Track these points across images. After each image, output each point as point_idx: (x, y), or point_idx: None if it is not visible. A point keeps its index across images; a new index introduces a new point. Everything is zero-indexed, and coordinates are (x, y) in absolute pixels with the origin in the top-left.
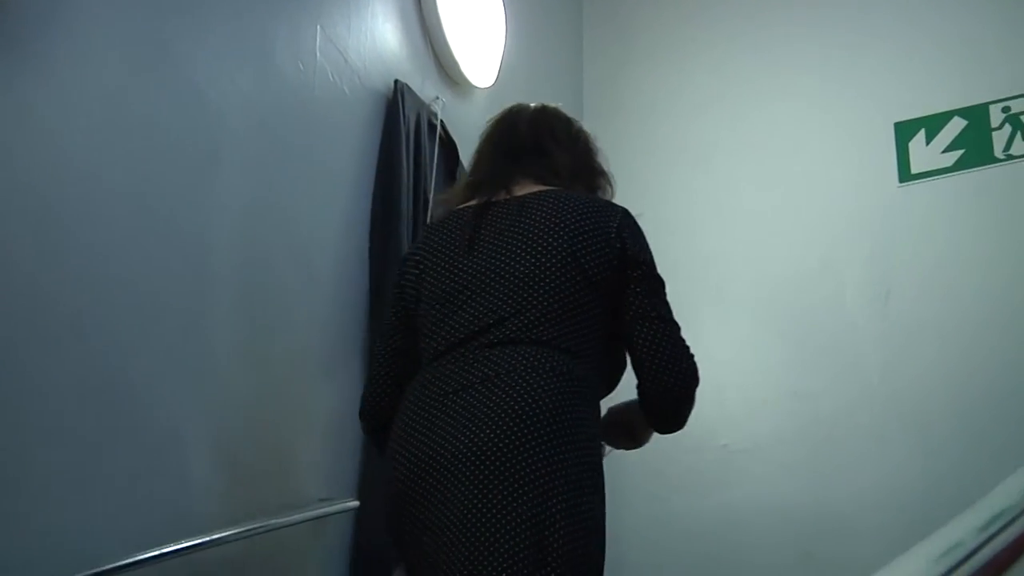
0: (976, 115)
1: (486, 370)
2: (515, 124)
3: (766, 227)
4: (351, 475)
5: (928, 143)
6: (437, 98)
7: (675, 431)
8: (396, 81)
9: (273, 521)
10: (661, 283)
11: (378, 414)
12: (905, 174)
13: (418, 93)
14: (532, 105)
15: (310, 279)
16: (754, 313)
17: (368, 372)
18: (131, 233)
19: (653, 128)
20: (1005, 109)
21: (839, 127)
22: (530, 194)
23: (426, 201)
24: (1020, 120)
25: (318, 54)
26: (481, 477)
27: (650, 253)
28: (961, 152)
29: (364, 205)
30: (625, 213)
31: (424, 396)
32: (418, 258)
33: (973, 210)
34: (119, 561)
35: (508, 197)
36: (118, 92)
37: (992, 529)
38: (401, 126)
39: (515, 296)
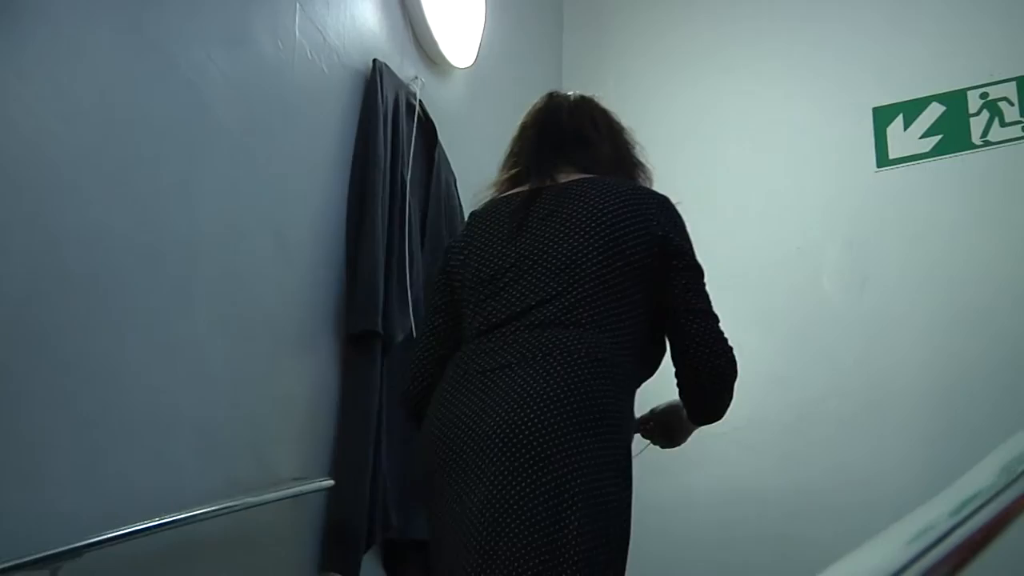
0: (954, 101)
1: (523, 351)
2: (557, 114)
3: (743, 212)
4: (326, 454)
5: (906, 128)
6: (416, 78)
7: (713, 422)
8: (375, 61)
9: (247, 499)
10: (701, 273)
11: (421, 400)
12: (883, 159)
13: (397, 72)
14: (572, 95)
15: (287, 258)
16: (730, 298)
17: (413, 358)
18: (109, 212)
19: (632, 110)
20: (983, 95)
21: (818, 112)
22: (572, 181)
23: (403, 182)
24: (998, 106)
25: (297, 32)
26: (508, 456)
27: (690, 242)
28: (939, 138)
29: (341, 185)
30: (666, 200)
31: (462, 373)
32: (463, 244)
33: (950, 196)
34: (93, 538)
35: (550, 185)
36: (95, 71)
37: (964, 513)
38: (379, 106)
39: (556, 279)
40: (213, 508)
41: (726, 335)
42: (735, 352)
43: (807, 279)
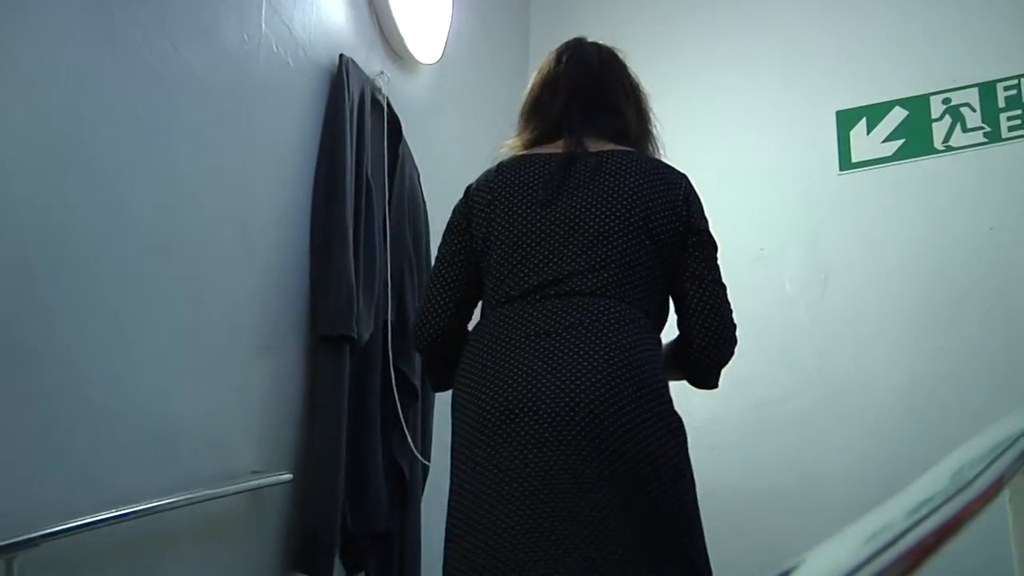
0: (917, 106)
1: (570, 318)
2: (589, 73)
3: (707, 212)
4: (287, 449)
5: (869, 132)
6: (382, 73)
7: (709, 388)
8: (341, 55)
9: (205, 491)
10: (715, 247)
11: (440, 336)
12: (846, 162)
13: (363, 68)
14: (600, 49)
15: (250, 253)
16: None
17: (427, 295)
18: (73, 206)
19: None
20: (946, 100)
21: (782, 114)
22: (605, 152)
23: (368, 178)
24: (960, 112)
25: (263, 26)
26: (584, 423)
27: (706, 218)
28: (901, 142)
29: (307, 180)
30: (688, 180)
31: (504, 337)
32: (489, 197)
33: (911, 200)
34: (49, 528)
35: (584, 152)
36: (61, 62)
37: (921, 513)
38: (345, 101)
39: (589, 252)
40: (171, 500)
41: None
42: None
43: (770, 280)
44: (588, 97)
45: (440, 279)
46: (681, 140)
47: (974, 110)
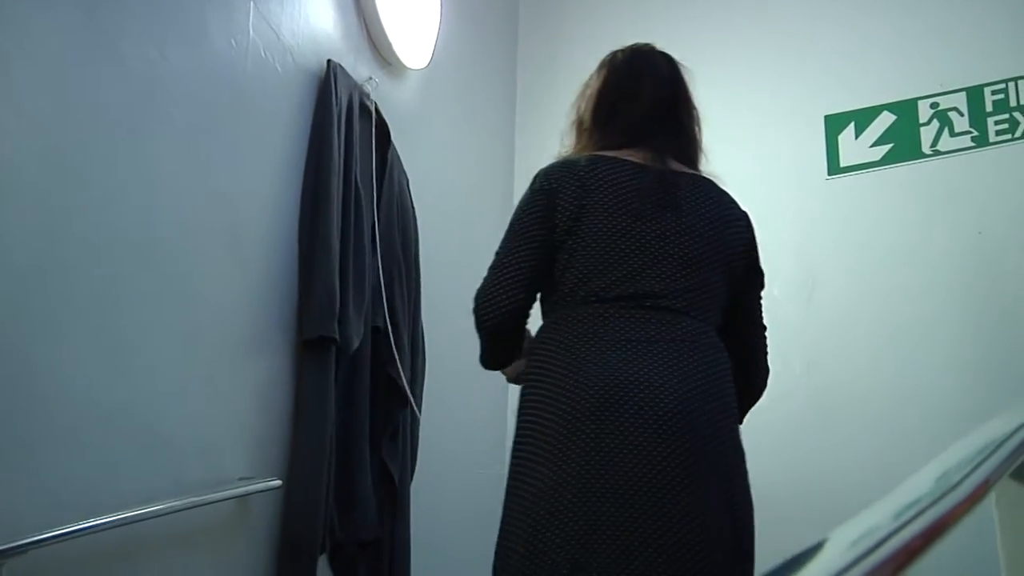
0: (905, 110)
1: (672, 332)
2: (667, 86)
3: None
4: (277, 456)
5: (857, 137)
6: (370, 78)
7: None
8: (329, 61)
9: (194, 498)
10: (763, 287)
11: (510, 316)
12: (834, 167)
13: (351, 73)
14: (669, 60)
15: (239, 259)
16: None
17: (499, 274)
18: (59, 208)
19: None
20: (933, 105)
21: (770, 119)
22: (686, 176)
23: (357, 184)
24: (948, 116)
25: (251, 31)
26: (682, 423)
27: None
28: (889, 146)
29: (295, 185)
30: (750, 220)
31: (605, 336)
32: (580, 191)
33: (900, 205)
34: (36, 535)
35: (669, 171)
36: (48, 66)
37: (907, 516)
38: (333, 107)
39: (682, 275)
40: (159, 507)
41: None
42: None
43: None
44: (664, 112)
45: (515, 259)
46: None
47: (962, 114)
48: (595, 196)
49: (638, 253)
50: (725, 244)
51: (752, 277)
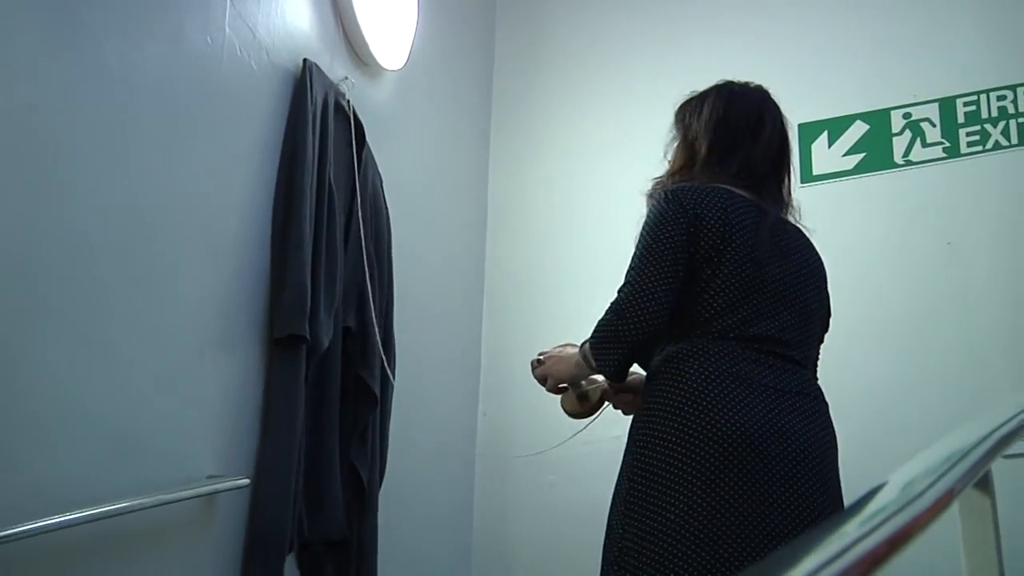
0: (878, 120)
1: (801, 386)
2: (782, 133)
3: None
4: (247, 455)
5: (831, 145)
6: (346, 78)
7: None
8: (305, 60)
9: (161, 496)
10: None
11: (654, 328)
12: (807, 175)
13: (327, 73)
14: (777, 106)
15: (210, 255)
16: None
17: (648, 286)
18: (29, 204)
19: (564, 116)
20: (906, 115)
21: None
22: (793, 226)
23: (331, 183)
24: (920, 127)
25: (227, 29)
26: (817, 482)
27: None
28: (862, 156)
29: (268, 184)
30: None
31: (747, 378)
32: (723, 219)
33: (871, 214)
34: (1, 532)
35: (782, 218)
36: (21, 62)
37: (872, 523)
38: (308, 106)
39: (800, 325)
40: (126, 504)
41: None
42: None
43: None
44: (778, 156)
45: (663, 273)
46: (645, 151)
47: (934, 125)
48: (736, 231)
49: (765, 296)
50: (824, 298)
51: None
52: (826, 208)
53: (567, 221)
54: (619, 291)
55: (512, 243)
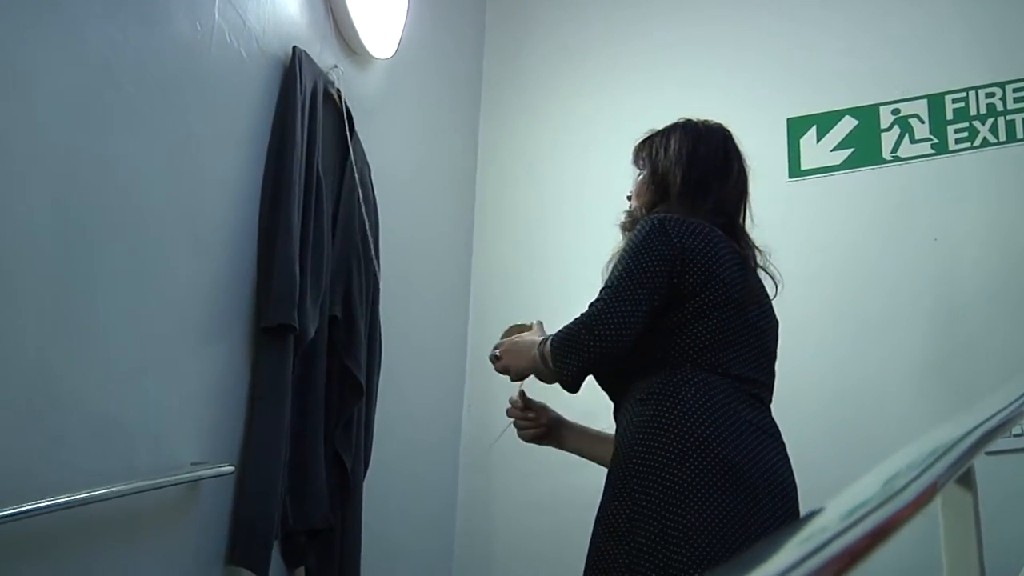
0: (867, 115)
1: (776, 428)
2: (745, 176)
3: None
4: (231, 442)
5: (819, 140)
6: (336, 67)
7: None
8: (295, 48)
9: (145, 482)
10: None
11: (619, 347)
12: (795, 170)
13: (316, 61)
14: (740, 151)
15: (197, 242)
16: None
17: (623, 305)
18: (15, 191)
19: (553, 108)
20: (895, 111)
21: (733, 120)
22: (758, 271)
23: (318, 172)
24: (909, 123)
25: (216, 15)
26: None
27: None
28: (850, 151)
29: (256, 172)
30: None
31: (737, 414)
32: (710, 254)
33: (859, 209)
34: None
35: (753, 266)
36: (5, 43)
37: (854, 517)
38: (297, 94)
39: (768, 369)
40: (109, 490)
41: None
42: None
43: None
44: (741, 200)
45: (638, 298)
46: (630, 142)
47: (923, 121)
48: (721, 269)
49: (746, 337)
50: (776, 344)
51: None
52: (814, 203)
53: (555, 213)
54: (591, 305)
55: (499, 235)
